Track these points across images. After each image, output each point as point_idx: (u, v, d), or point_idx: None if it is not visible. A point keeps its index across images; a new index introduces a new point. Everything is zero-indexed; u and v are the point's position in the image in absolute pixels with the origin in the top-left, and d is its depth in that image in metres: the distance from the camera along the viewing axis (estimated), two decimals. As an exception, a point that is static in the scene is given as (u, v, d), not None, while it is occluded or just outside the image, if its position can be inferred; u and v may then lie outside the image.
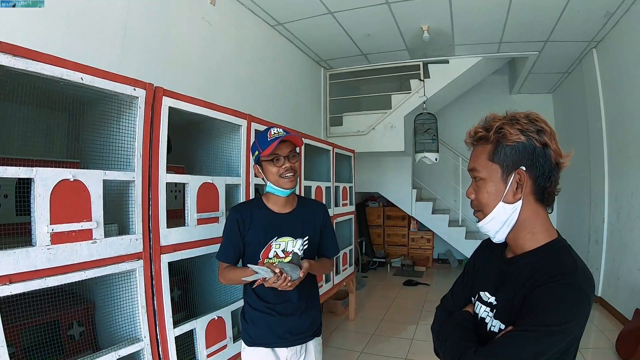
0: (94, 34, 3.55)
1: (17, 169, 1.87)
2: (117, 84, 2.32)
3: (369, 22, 6.66)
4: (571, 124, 8.93)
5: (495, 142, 1.47)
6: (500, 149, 1.46)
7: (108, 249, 2.26)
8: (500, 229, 1.52)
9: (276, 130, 2.48)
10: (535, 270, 1.40)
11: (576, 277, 1.33)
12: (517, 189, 1.46)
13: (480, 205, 1.54)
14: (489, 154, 1.49)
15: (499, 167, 1.47)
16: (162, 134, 2.60)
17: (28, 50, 1.89)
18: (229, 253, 2.54)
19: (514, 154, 1.44)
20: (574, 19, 6.17)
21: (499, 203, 1.48)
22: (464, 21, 6.59)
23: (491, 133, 1.47)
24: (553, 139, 1.44)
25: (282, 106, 7.01)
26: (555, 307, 1.29)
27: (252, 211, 2.57)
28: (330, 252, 2.85)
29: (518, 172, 1.44)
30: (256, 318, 2.58)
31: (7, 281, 1.82)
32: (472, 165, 1.55)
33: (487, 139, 1.49)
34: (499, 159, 1.46)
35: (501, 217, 1.49)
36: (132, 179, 2.42)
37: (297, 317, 2.61)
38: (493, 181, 1.49)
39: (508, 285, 1.50)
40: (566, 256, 1.43)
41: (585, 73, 7.75)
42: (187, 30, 4.77)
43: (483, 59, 8.18)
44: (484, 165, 1.50)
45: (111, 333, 2.51)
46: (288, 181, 2.49)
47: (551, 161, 1.43)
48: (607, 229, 6.94)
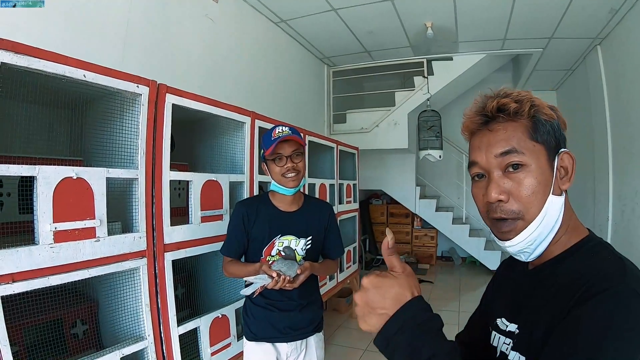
0: (95, 31, 3.54)
1: (19, 167, 1.87)
2: (120, 81, 2.31)
3: (373, 19, 6.63)
4: (575, 122, 8.90)
5: (532, 117, 1.10)
6: (541, 125, 1.10)
7: (111, 247, 2.26)
8: (546, 237, 1.12)
9: (281, 129, 2.48)
10: (565, 280, 1.03)
11: (627, 280, 0.93)
12: (563, 177, 1.12)
13: (522, 206, 1.10)
14: (528, 131, 1.10)
15: (543, 148, 1.10)
16: (166, 131, 2.59)
17: (30, 48, 1.88)
18: (233, 247, 2.57)
19: (554, 132, 1.11)
20: (578, 16, 6.14)
21: (549, 197, 1.09)
22: (468, 18, 6.56)
23: (526, 105, 1.11)
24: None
25: (285, 103, 7.00)
26: (603, 333, 0.87)
27: (258, 207, 2.59)
28: (334, 253, 2.84)
29: (565, 154, 1.12)
30: (258, 313, 2.62)
31: (10, 280, 1.81)
32: (508, 146, 1.10)
33: (522, 112, 1.11)
34: (542, 138, 1.10)
35: (551, 217, 1.10)
36: (136, 176, 2.41)
37: (297, 312, 2.64)
38: (541, 168, 1.09)
39: (530, 305, 1.12)
40: (606, 253, 1.07)
41: (589, 70, 7.72)
42: (190, 27, 4.76)
43: (487, 56, 8.16)
44: (527, 147, 1.09)
45: (115, 331, 2.51)
46: (290, 180, 2.50)
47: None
48: (612, 228, 6.90)
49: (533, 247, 1.12)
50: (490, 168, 1.12)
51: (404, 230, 10.84)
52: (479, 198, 1.16)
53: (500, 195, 1.09)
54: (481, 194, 1.15)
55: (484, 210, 1.15)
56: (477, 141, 1.17)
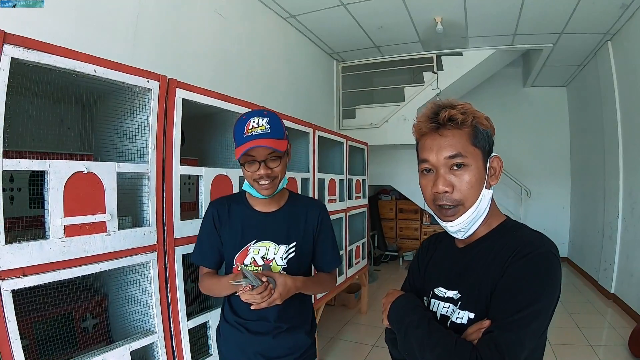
0: (106, 27, 3.56)
1: (30, 162, 1.87)
2: (130, 76, 2.31)
3: (382, 14, 6.63)
4: (586, 118, 8.89)
5: (472, 126, 1.40)
6: (480, 133, 1.40)
7: (122, 241, 2.26)
8: (477, 219, 1.45)
9: (256, 122, 2.01)
10: (498, 250, 1.37)
11: (547, 245, 1.32)
12: (492, 175, 1.45)
13: (462, 196, 1.40)
14: (469, 138, 1.39)
15: (480, 152, 1.41)
16: (176, 126, 2.59)
17: (40, 43, 1.88)
18: (207, 254, 2.23)
19: (488, 139, 1.43)
20: (589, 11, 6.11)
21: (483, 190, 1.41)
22: (478, 12, 6.53)
23: (469, 116, 1.39)
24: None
25: (294, 99, 7.01)
26: (538, 280, 1.26)
27: (230, 206, 2.23)
28: (328, 264, 2.37)
29: (495, 158, 1.45)
30: (227, 332, 2.25)
31: (21, 274, 1.82)
32: (456, 151, 1.39)
33: (465, 122, 1.38)
34: (480, 144, 1.40)
35: (482, 205, 1.42)
36: (146, 171, 2.41)
37: (271, 337, 2.18)
38: (478, 167, 1.40)
39: (469, 274, 1.44)
40: (526, 229, 1.43)
41: (600, 66, 7.69)
42: (199, 23, 4.77)
43: (497, 51, 8.11)
44: (469, 151, 1.39)
45: (124, 325, 2.51)
46: (263, 189, 2.05)
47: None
48: (622, 225, 6.88)
49: (468, 227, 1.45)
50: (439, 166, 1.41)
51: (413, 226, 10.84)
52: (427, 188, 1.46)
53: (446, 187, 1.39)
54: (430, 185, 1.45)
55: (431, 198, 1.46)
56: (429, 143, 1.44)
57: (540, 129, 10.32)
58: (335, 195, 5.18)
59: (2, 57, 1.76)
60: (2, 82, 1.76)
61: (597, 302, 7.11)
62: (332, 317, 6.09)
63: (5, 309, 1.76)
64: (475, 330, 1.30)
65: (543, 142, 10.31)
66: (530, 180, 10.02)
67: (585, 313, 6.50)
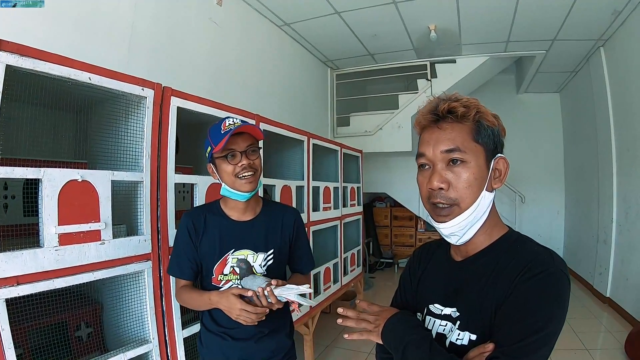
0: (101, 35, 3.56)
1: (25, 170, 1.87)
2: (125, 84, 2.31)
3: (376, 22, 6.65)
4: (579, 123, 8.92)
5: (476, 121, 1.28)
6: (483, 129, 1.28)
7: (116, 250, 2.26)
8: (474, 225, 1.31)
9: (232, 120, 2.10)
10: (504, 266, 1.24)
11: (558, 264, 1.20)
12: (497, 178, 1.32)
13: (458, 195, 1.28)
14: (471, 132, 1.28)
15: (483, 149, 1.28)
16: (171, 134, 2.59)
17: (35, 50, 1.89)
18: (185, 267, 2.18)
19: (494, 137, 1.30)
20: (581, 18, 6.14)
21: (482, 191, 1.28)
22: (471, 20, 6.56)
23: (472, 110, 1.28)
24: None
25: (288, 106, 7.01)
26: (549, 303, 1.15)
27: (206, 217, 2.21)
28: (306, 266, 2.47)
29: (501, 159, 1.32)
30: (210, 342, 2.24)
31: (15, 282, 1.82)
32: (453, 145, 1.27)
33: (468, 116, 1.28)
34: (483, 140, 1.28)
35: (481, 208, 1.29)
36: (141, 179, 2.41)
37: (253, 342, 2.21)
38: (478, 165, 1.27)
39: (469, 291, 1.31)
40: (533, 244, 1.30)
41: (592, 72, 7.73)
42: (194, 31, 4.78)
43: (490, 58, 8.16)
44: (469, 146, 1.27)
45: (119, 334, 2.51)
46: (246, 182, 2.09)
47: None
48: (616, 229, 6.90)
49: (463, 232, 1.31)
50: (435, 161, 1.30)
51: (408, 233, 10.84)
52: (423, 185, 1.34)
53: (441, 184, 1.28)
54: (425, 181, 1.32)
55: (426, 195, 1.34)
56: (427, 136, 1.34)
57: (534, 135, 10.35)
58: (330, 203, 5.19)
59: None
60: (-4, 90, 1.76)
61: (592, 306, 7.12)
62: (327, 325, 6.06)
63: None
64: (478, 355, 1.20)
65: (537, 148, 10.34)
66: (525, 186, 10.03)
67: (581, 317, 6.49)
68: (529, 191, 10.06)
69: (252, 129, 2.11)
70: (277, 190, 3.75)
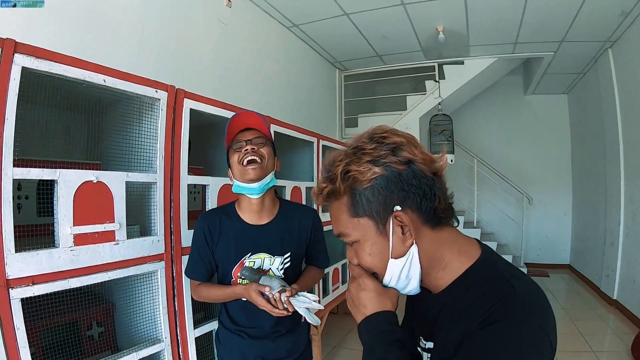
0: (110, 36, 3.58)
1: (40, 171, 1.89)
2: (139, 86, 2.33)
3: (385, 23, 6.66)
4: (586, 125, 8.90)
5: (350, 191, 1.12)
6: (358, 198, 1.11)
7: (130, 250, 2.27)
8: (408, 284, 1.18)
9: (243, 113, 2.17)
10: (463, 310, 1.07)
11: (520, 308, 1.00)
12: (405, 233, 1.11)
13: (369, 268, 1.19)
14: (348, 209, 1.13)
15: (368, 220, 1.12)
16: (184, 135, 2.61)
17: (51, 52, 1.90)
18: (199, 268, 2.23)
19: (378, 195, 1.10)
20: (589, 19, 6.13)
21: (389, 262, 1.14)
22: (480, 21, 6.56)
23: (338, 183, 1.12)
24: (415, 147, 1.12)
25: (297, 107, 7.02)
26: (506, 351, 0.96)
27: (221, 220, 2.22)
28: (322, 263, 2.50)
29: (395, 216, 1.10)
30: (227, 339, 2.29)
31: (31, 282, 1.83)
32: (338, 230, 1.19)
33: (338, 192, 1.13)
34: (364, 211, 1.12)
35: (401, 274, 1.15)
36: (155, 180, 2.43)
37: (270, 341, 2.24)
38: (370, 240, 1.14)
39: (439, 327, 1.16)
40: (498, 280, 1.09)
41: (600, 73, 7.72)
42: (203, 32, 4.80)
43: (498, 60, 8.15)
44: (351, 226, 1.15)
45: (131, 334, 2.53)
46: (251, 169, 2.07)
47: (425, 175, 1.11)
48: (623, 231, 6.88)
49: (401, 288, 1.21)
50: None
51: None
52: None
53: (352, 260, 1.22)
54: None
55: None
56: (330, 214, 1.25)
57: (541, 136, 10.32)
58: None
59: (13, 66, 1.77)
60: (13, 91, 1.77)
61: (599, 308, 7.09)
62: (335, 325, 6.06)
63: (14, 317, 1.77)
64: None
65: (544, 150, 10.31)
66: (532, 187, 10.00)
67: (587, 320, 6.49)
68: (536, 192, 10.02)
69: (259, 124, 2.17)
70: (287, 191, 3.76)
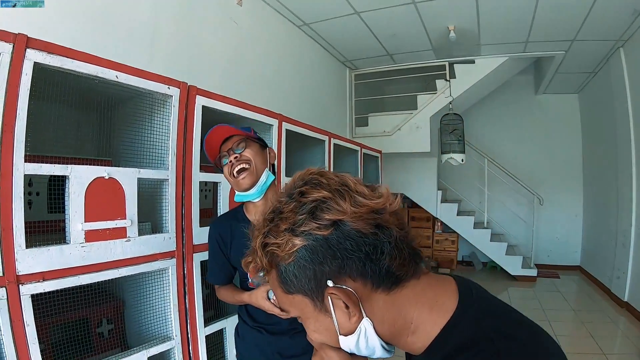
0: (123, 34, 3.58)
1: (52, 167, 1.89)
2: (151, 83, 2.32)
3: (395, 22, 6.63)
4: (598, 125, 8.83)
5: (275, 267, 0.96)
6: (285, 275, 0.94)
7: (142, 247, 2.27)
8: (374, 353, 1.01)
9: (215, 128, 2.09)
10: None
11: None
12: (349, 308, 0.91)
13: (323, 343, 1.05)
14: (279, 285, 0.98)
15: (302, 296, 0.95)
16: (196, 132, 2.60)
17: (63, 48, 1.89)
18: (217, 273, 2.30)
19: (305, 269, 0.91)
20: (601, 18, 6.08)
21: (339, 338, 0.97)
22: (491, 20, 6.52)
23: (259, 258, 0.97)
24: (343, 200, 0.90)
25: (307, 106, 7.00)
26: None
27: (231, 226, 2.22)
28: None
29: (329, 293, 0.91)
30: (246, 334, 2.34)
31: (41, 278, 1.83)
32: (282, 307, 1.04)
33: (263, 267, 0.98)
34: (294, 288, 0.95)
35: (359, 346, 0.98)
36: (167, 177, 2.43)
37: (287, 337, 2.25)
38: (311, 317, 0.98)
39: None
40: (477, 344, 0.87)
41: (612, 72, 7.65)
42: (214, 31, 4.79)
43: (509, 59, 8.10)
44: (287, 302, 1.00)
45: (140, 331, 2.53)
46: (241, 179, 2.07)
47: (365, 232, 0.89)
48: (635, 232, 6.82)
49: (370, 355, 1.03)
50: None
51: (425, 234, 10.76)
52: None
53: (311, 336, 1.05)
54: None
55: None
56: None
57: (552, 136, 10.27)
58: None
59: (25, 61, 1.76)
60: (25, 87, 1.77)
61: (610, 310, 7.04)
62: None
63: (24, 313, 1.77)
64: None
65: (555, 150, 10.25)
66: (543, 188, 9.94)
67: (598, 322, 6.45)
68: (547, 193, 9.94)
69: (231, 130, 2.08)
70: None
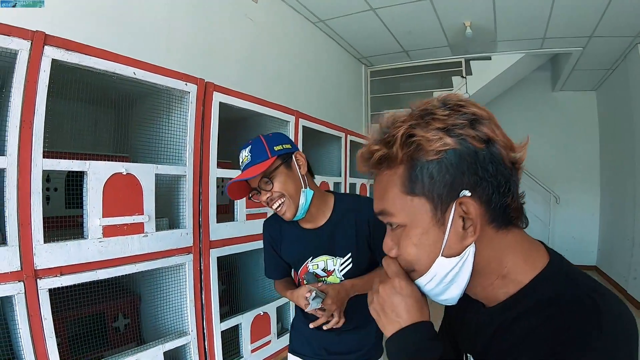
0: (138, 31, 3.58)
1: (70, 162, 1.91)
2: (169, 79, 2.33)
3: (411, 19, 6.57)
4: (616, 122, 8.73)
5: (409, 161, 0.86)
6: (418, 172, 0.85)
7: (159, 242, 2.28)
8: (446, 291, 0.93)
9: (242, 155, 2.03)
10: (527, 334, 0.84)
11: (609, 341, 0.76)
12: (467, 228, 0.85)
13: (409, 262, 0.94)
14: (402, 183, 0.87)
15: (425, 201, 0.86)
16: (213, 129, 2.61)
17: (81, 45, 1.91)
18: (272, 270, 2.31)
19: (446, 173, 0.84)
20: (619, 13, 5.99)
21: (437, 259, 0.88)
22: (507, 17, 6.45)
23: (396, 148, 0.86)
24: (496, 127, 0.91)
25: (324, 103, 7.00)
26: None
27: (281, 227, 2.20)
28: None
29: (461, 202, 0.84)
30: (299, 326, 2.34)
31: (59, 273, 1.85)
32: (381, 207, 0.93)
33: (393, 159, 0.87)
34: (422, 189, 0.86)
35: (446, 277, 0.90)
36: (184, 173, 2.44)
37: (335, 334, 2.18)
38: (420, 227, 0.88)
39: (497, 347, 0.92)
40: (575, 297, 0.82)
41: (630, 69, 7.55)
42: (230, 27, 4.79)
43: (526, 56, 8.01)
44: (400, 205, 0.89)
45: (156, 326, 2.55)
46: (282, 214, 2.01)
47: (504, 162, 0.86)
48: (651, 231, 6.75)
49: (435, 294, 0.95)
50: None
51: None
52: None
53: (389, 251, 0.97)
54: None
55: None
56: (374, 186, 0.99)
57: (569, 134, 10.14)
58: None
59: (43, 58, 1.78)
60: (43, 83, 1.78)
61: (626, 311, 6.95)
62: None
63: (41, 307, 1.79)
64: None
65: (572, 148, 10.12)
66: (559, 186, 9.86)
67: (614, 322, 6.38)
68: (564, 192, 9.87)
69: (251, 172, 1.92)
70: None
